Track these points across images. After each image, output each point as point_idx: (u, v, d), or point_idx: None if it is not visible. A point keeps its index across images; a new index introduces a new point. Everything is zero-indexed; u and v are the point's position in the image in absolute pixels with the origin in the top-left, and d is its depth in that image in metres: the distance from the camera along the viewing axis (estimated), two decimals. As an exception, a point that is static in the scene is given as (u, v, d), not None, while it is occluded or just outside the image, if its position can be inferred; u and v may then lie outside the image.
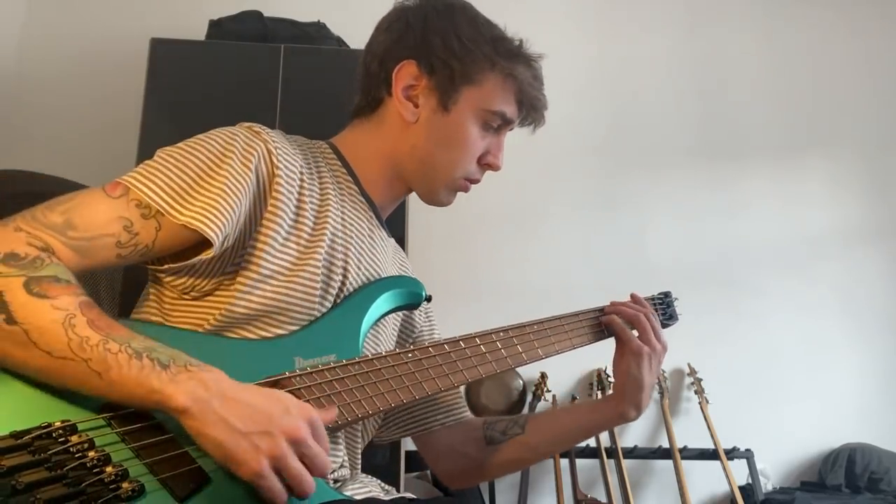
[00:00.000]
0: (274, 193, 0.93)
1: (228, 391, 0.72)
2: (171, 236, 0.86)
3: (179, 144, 0.91)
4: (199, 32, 2.52)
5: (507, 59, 1.07)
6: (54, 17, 2.79)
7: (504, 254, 2.85)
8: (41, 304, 0.71)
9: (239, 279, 0.91)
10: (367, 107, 1.11)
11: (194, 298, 0.93)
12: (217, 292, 0.92)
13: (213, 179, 0.87)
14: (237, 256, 0.92)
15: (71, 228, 0.80)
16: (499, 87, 1.06)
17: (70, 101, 2.71)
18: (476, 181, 1.12)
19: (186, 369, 0.72)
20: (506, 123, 1.09)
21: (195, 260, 0.88)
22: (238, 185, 0.89)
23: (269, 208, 0.93)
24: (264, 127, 0.98)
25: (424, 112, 1.06)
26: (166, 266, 0.90)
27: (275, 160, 0.94)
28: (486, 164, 1.10)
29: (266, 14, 2.49)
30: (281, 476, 0.71)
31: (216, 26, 2.47)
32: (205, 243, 0.87)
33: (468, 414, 1.24)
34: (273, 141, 0.95)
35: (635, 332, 1.17)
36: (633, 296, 1.23)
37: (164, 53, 2.32)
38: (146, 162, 0.88)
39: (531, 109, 1.11)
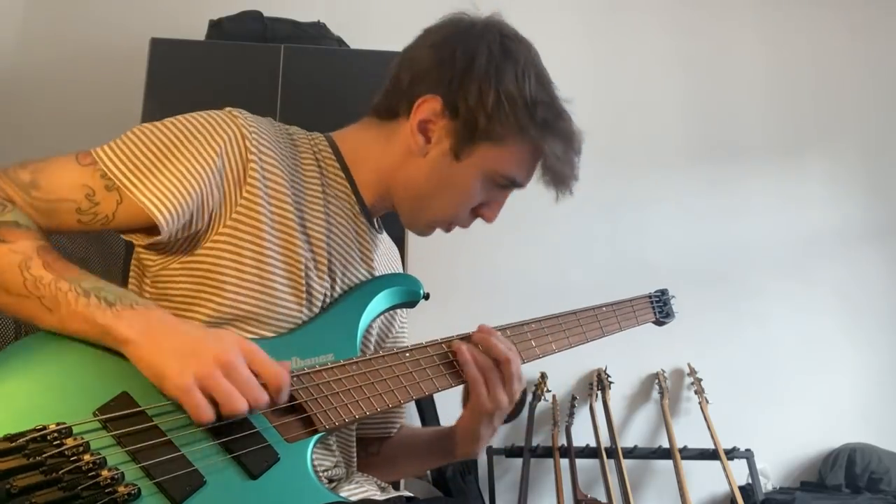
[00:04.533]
0: (249, 180, 0.92)
1: (170, 324, 0.77)
2: (130, 211, 0.87)
3: (156, 122, 0.93)
4: (199, 32, 2.51)
5: (541, 128, 1.00)
6: (54, 17, 2.79)
7: (504, 253, 2.85)
8: (0, 248, 0.76)
9: (208, 267, 0.91)
10: (384, 113, 1.06)
11: (175, 292, 0.93)
12: (187, 280, 0.92)
13: (177, 160, 0.88)
14: (208, 241, 0.92)
15: (35, 188, 0.84)
16: (520, 153, 1.01)
17: (69, 101, 2.71)
18: (462, 227, 1.09)
19: (132, 307, 0.77)
20: (513, 186, 1.06)
21: (155, 240, 0.90)
22: (199, 168, 0.89)
23: (245, 195, 0.92)
24: (245, 112, 0.97)
25: (434, 151, 1.01)
26: (137, 242, 0.93)
27: (249, 145, 0.93)
28: (480, 214, 1.07)
29: (266, 14, 2.48)
30: (212, 398, 0.74)
31: (216, 26, 2.47)
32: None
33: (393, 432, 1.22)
34: (249, 125, 0.94)
35: None
36: (482, 339, 1.01)
37: (164, 53, 2.32)
38: (121, 136, 0.90)
39: (555, 182, 1.06)
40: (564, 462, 2.51)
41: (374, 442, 1.20)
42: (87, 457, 0.66)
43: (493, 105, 0.97)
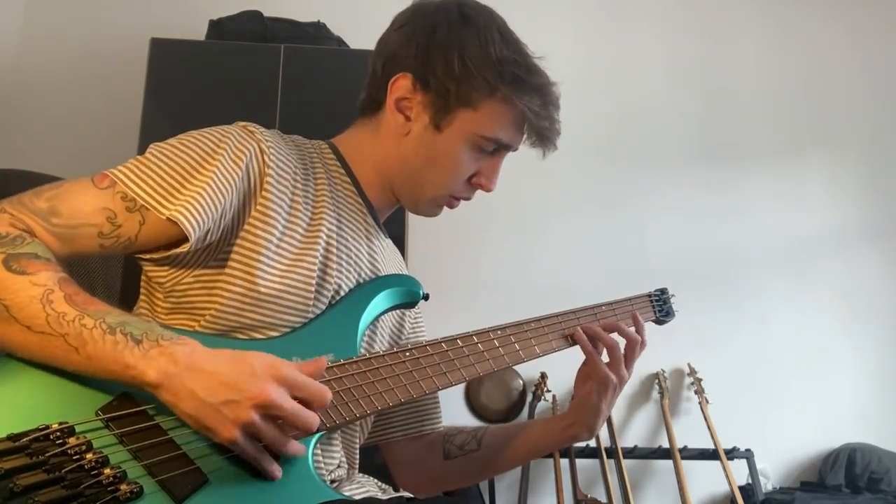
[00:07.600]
0: (264, 192, 0.93)
1: (197, 362, 0.73)
2: (154, 230, 0.87)
3: (171, 140, 0.92)
4: (199, 32, 2.52)
5: (511, 85, 1.00)
6: (54, 18, 2.79)
7: (504, 253, 2.85)
8: (20, 280, 0.73)
9: (223, 277, 0.91)
10: (369, 108, 1.09)
11: (188, 304, 0.93)
12: (201, 291, 0.92)
13: (200, 175, 0.88)
14: (220, 252, 0.92)
15: (54, 215, 0.82)
16: (498, 113, 1.01)
17: (70, 102, 2.71)
18: (465, 199, 1.09)
19: (158, 344, 0.73)
20: (503, 148, 1.06)
21: (173, 252, 0.89)
22: (224, 182, 0.89)
23: (259, 207, 0.93)
24: (259, 126, 0.98)
25: (416, 127, 1.03)
26: (148, 256, 0.92)
27: (267, 159, 0.94)
28: (478, 184, 1.07)
29: (266, 14, 2.49)
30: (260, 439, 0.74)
31: (216, 26, 2.47)
32: (185, 237, 0.88)
33: (440, 426, 1.23)
34: (266, 140, 0.96)
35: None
36: (611, 325, 1.16)
37: (164, 53, 2.32)
38: (137, 157, 0.90)
39: (538, 138, 1.05)
40: (564, 462, 2.52)
41: (409, 443, 1.20)
42: (89, 455, 0.66)
43: (459, 70, 0.99)
